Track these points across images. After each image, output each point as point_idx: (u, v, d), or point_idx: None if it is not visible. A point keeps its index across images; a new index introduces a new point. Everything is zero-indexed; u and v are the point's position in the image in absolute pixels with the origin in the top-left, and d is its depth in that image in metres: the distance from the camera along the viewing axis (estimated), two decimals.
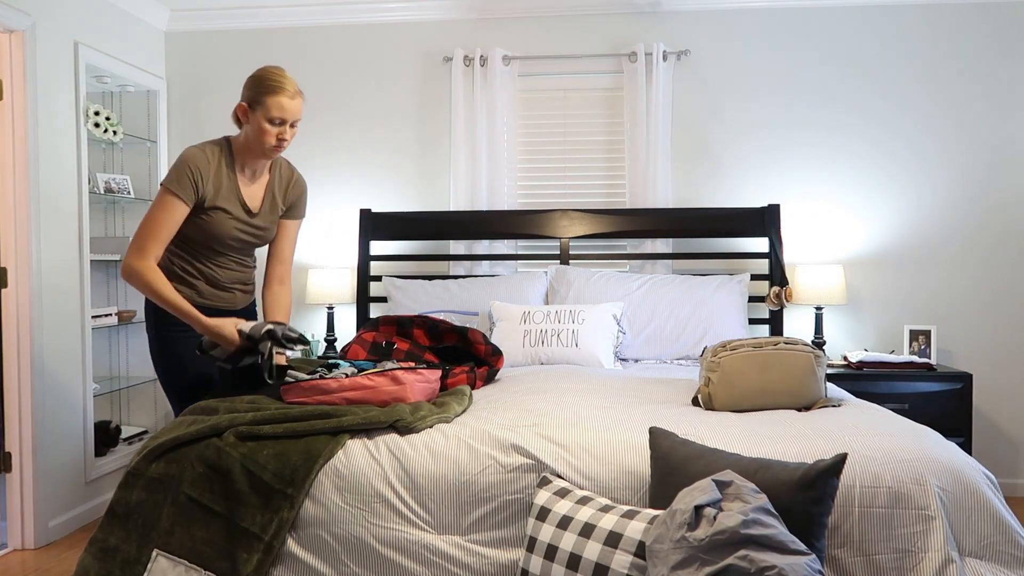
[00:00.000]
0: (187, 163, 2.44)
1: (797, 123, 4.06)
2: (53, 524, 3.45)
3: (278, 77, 2.46)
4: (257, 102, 2.44)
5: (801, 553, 1.54)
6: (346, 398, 2.28)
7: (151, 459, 2.09)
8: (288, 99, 2.45)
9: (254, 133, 2.47)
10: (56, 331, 3.50)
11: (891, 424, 2.18)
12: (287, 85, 2.46)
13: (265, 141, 2.47)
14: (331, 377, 2.31)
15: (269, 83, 2.44)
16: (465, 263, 4.14)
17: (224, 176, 2.52)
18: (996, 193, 3.97)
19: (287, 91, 2.45)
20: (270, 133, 2.46)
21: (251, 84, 2.48)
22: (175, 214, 2.43)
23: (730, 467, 1.78)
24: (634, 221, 3.96)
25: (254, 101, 2.45)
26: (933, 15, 3.97)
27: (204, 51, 4.35)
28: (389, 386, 2.28)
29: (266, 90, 2.44)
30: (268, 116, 2.44)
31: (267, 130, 2.45)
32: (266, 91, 2.44)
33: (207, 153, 2.49)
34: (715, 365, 2.43)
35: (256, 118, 2.45)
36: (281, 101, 2.44)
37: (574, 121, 4.18)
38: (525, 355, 3.36)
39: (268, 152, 2.51)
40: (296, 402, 2.30)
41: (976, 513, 1.86)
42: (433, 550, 1.98)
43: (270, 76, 2.46)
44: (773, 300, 3.58)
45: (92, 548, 2.05)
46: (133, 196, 4.16)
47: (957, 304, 4.00)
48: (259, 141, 2.48)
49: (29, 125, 3.32)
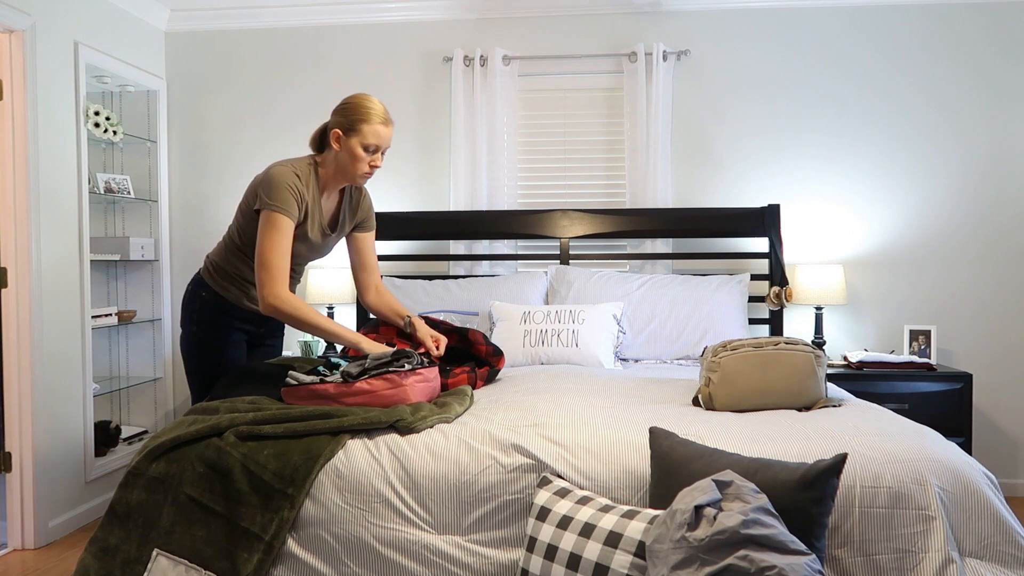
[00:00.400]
0: (285, 181, 2.43)
1: (797, 123, 4.06)
2: (53, 524, 3.45)
3: (371, 104, 2.48)
4: (352, 129, 2.45)
5: (801, 553, 1.54)
6: (346, 404, 2.27)
7: (151, 459, 2.09)
8: (383, 127, 2.47)
9: (348, 159, 2.48)
10: (56, 331, 3.50)
11: (891, 424, 2.18)
12: (380, 112, 2.48)
13: (358, 168, 2.49)
14: (330, 381, 2.30)
15: (364, 110, 2.46)
16: (465, 263, 4.14)
17: (311, 199, 2.53)
18: (996, 193, 3.97)
19: (380, 117, 2.47)
20: (363, 160, 2.48)
21: (344, 111, 2.49)
22: (288, 231, 2.42)
23: (730, 467, 1.77)
24: (634, 221, 3.96)
25: (349, 128, 2.46)
26: (932, 17, 3.97)
27: (204, 51, 4.35)
28: (387, 389, 2.28)
29: (361, 117, 2.45)
30: (364, 143, 2.45)
31: (361, 157, 2.47)
32: (361, 118, 2.45)
33: (299, 173, 2.48)
34: (715, 365, 2.43)
35: (350, 145, 2.46)
36: (377, 129, 2.46)
37: (574, 121, 4.18)
38: (525, 355, 3.36)
39: (359, 179, 2.53)
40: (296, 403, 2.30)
41: (976, 513, 1.86)
42: (433, 550, 1.98)
43: (364, 103, 2.47)
44: (773, 300, 3.58)
45: (92, 548, 2.05)
46: (133, 196, 4.16)
47: (957, 304, 4.00)
48: (352, 167, 2.49)
49: (29, 125, 3.32)
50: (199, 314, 2.61)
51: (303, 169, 2.51)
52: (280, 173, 2.44)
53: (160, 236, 4.26)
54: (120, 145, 4.24)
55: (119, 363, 4.31)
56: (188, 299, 2.66)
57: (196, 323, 2.62)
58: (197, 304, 2.62)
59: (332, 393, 2.27)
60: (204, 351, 2.62)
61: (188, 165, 4.35)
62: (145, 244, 4.14)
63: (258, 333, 2.75)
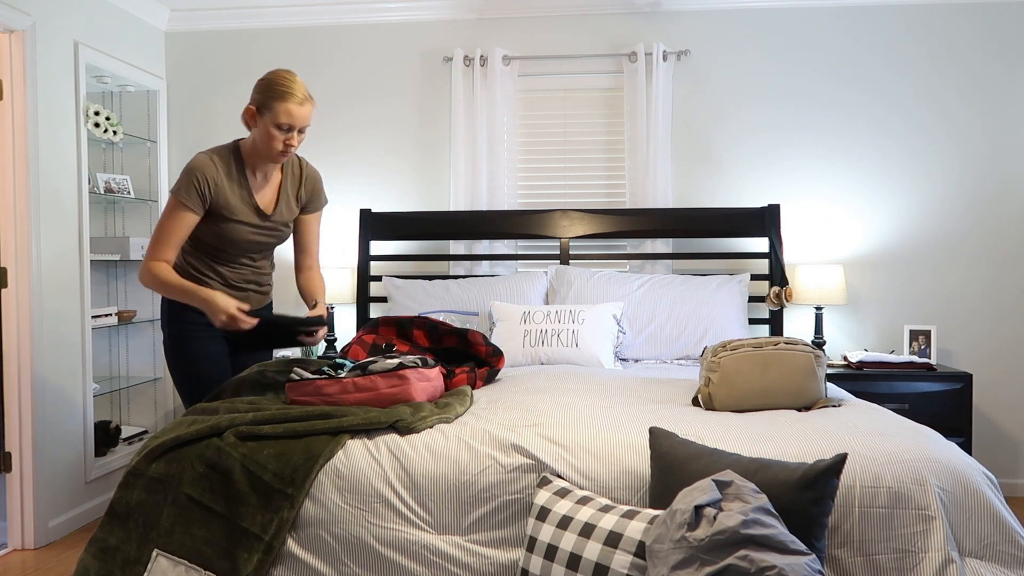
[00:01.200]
0: (195, 172, 2.44)
1: (797, 123, 4.06)
2: (53, 524, 3.45)
3: (287, 82, 2.44)
4: (265, 107, 2.43)
5: (801, 553, 1.54)
6: (347, 400, 2.27)
7: (151, 459, 2.09)
8: (296, 105, 2.43)
9: (261, 138, 2.47)
10: (56, 331, 3.50)
11: (891, 424, 2.18)
12: (296, 91, 2.44)
13: (272, 147, 2.47)
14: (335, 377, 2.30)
15: (278, 88, 2.43)
16: (465, 263, 4.14)
17: (235, 183, 2.53)
18: (996, 192, 3.97)
19: (296, 97, 2.44)
20: (277, 139, 2.45)
21: (260, 88, 2.47)
22: (184, 222, 2.46)
23: (730, 467, 1.78)
24: (634, 221, 3.96)
25: (262, 106, 2.44)
26: (931, 18, 3.97)
27: (204, 51, 4.35)
28: (390, 388, 2.28)
29: (275, 95, 2.42)
30: (276, 121, 2.43)
31: (274, 135, 2.45)
32: (275, 96, 2.42)
33: (215, 161, 2.49)
34: (715, 365, 2.43)
35: (264, 123, 2.45)
36: (289, 107, 2.42)
37: (574, 121, 4.18)
38: (525, 355, 3.36)
39: (275, 157, 2.51)
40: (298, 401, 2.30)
41: (976, 513, 1.86)
42: (433, 550, 1.98)
43: (280, 81, 2.44)
44: (773, 300, 3.58)
45: (92, 548, 2.05)
46: (133, 196, 4.16)
47: (957, 304, 4.00)
48: (266, 146, 2.48)
49: (29, 125, 3.32)
50: (170, 316, 2.62)
51: (222, 154, 2.53)
52: (194, 164, 2.47)
53: None
54: (120, 145, 4.24)
55: (119, 363, 4.31)
56: (161, 305, 2.67)
57: (169, 326, 2.63)
58: (166, 307, 2.63)
59: (335, 389, 2.27)
60: (182, 353, 2.61)
61: None
62: (145, 244, 4.13)
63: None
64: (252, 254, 2.66)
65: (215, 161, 2.50)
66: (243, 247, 2.60)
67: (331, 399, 2.27)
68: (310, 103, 2.49)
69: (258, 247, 2.67)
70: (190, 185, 2.44)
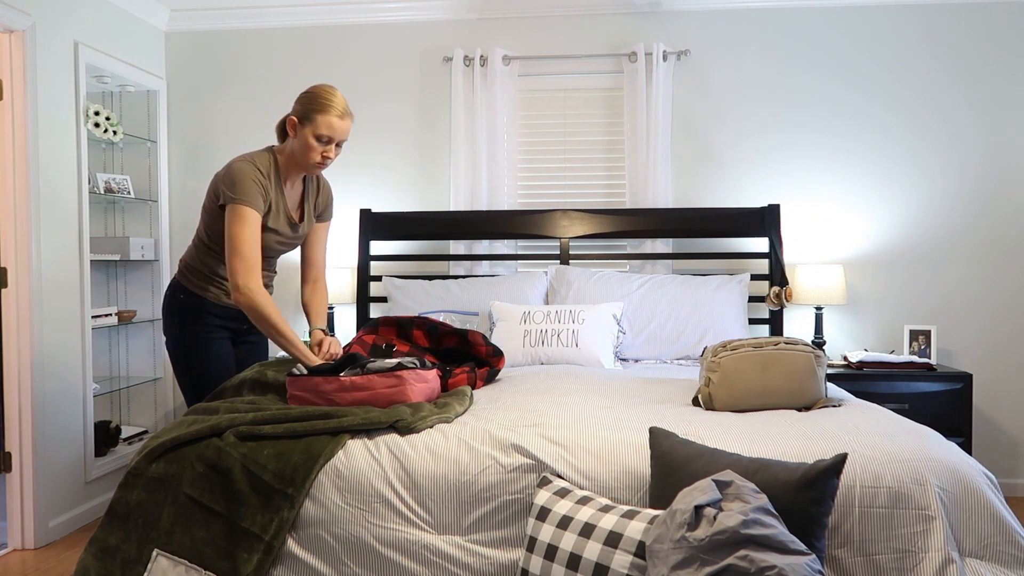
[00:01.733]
0: (249, 174, 2.48)
1: (797, 123, 4.06)
2: (53, 524, 3.45)
3: (330, 96, 2.51)
4: (307, 118, 2.49)
5: (801, 553, 1.54)
6: (344, 399, 2.27)
7: (151, 459, 2.09)
8: (337, 118, 2.50)
9: (300, 148, 2.52)
10: (56, 331, 3.50)
11: (891, 424, 2.18)
12: (338, 104, 2.51)
13: (310, 157, 2.52)
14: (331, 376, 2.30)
15: (321, 101, 2.49)
16: (465, 263, 4.14)
17: (274, 191, 2.57)
18: (996, 192, 3.98)
19: (337, 110, 2.50)
20: (316, 150, 2.51)
21: (303, 100, 2.52)
22: (255, 224, 2.47)
23: (730, 467, 1.77)
24: (634, 221, 3.96)
25: (304, 117, 2.50)
26: (931, 18, 3.97)
27: (204, 51, 4.35)
28: (385, 388, 2.27)
29: (317, 107, 2.48)
30: (316, 133, 2.49)
31: (313, 146, 2.50)
32: (317, 108, 2.48)
33: (259, 166, 2.52)
34: (715, 365, 2.43)
35: (304, 134, 2.50)
36: (331, 120, 2.49)
37: (574, 121, 4.18)
38: (525, 355, 3.36)
39: (311, 168, 2.57)
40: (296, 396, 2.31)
41: (976, 513, 1.86)
42: (433, 550, 1.98)
43: (322, 94, 2.51)
44: (773, 300, 3.58)
45: (92, 548, 2.05)
46: (133, 196, 4.16)
47: (957, 304, 4.00)
48: (304, 156, 2.53)
49: (29, 125, 3.32)
50: (180, 317, 2.63)
51: (263, 161, 2.55)
52: (241, 167, 2.48)
53: (160, 236, 4.26)
54: (120, 145, 4.24)
55: (119, 363, 4.31)
56: (167, 304, 2.69)
57: (179, 326, 2.64)
58: (176, 307, 2.64)
59: (333, 387, 2.27)
60: (190, 352, 2.64)
61: (188, 165, 4.36)
62: (145, 244, 4.14)
63: (240, 330, 2.75)
64: (268, 260, 2.69)
65: (258, 166, 2.53)
66: (264, 254, 2.61)
67: (327, 396, 2.27)
68: (350, 118, 2.55)
69: (276, 255, 2.72)
70: (250, 185, 2.46)
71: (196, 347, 2.63)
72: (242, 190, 2.45)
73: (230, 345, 2.72)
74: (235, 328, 2.73)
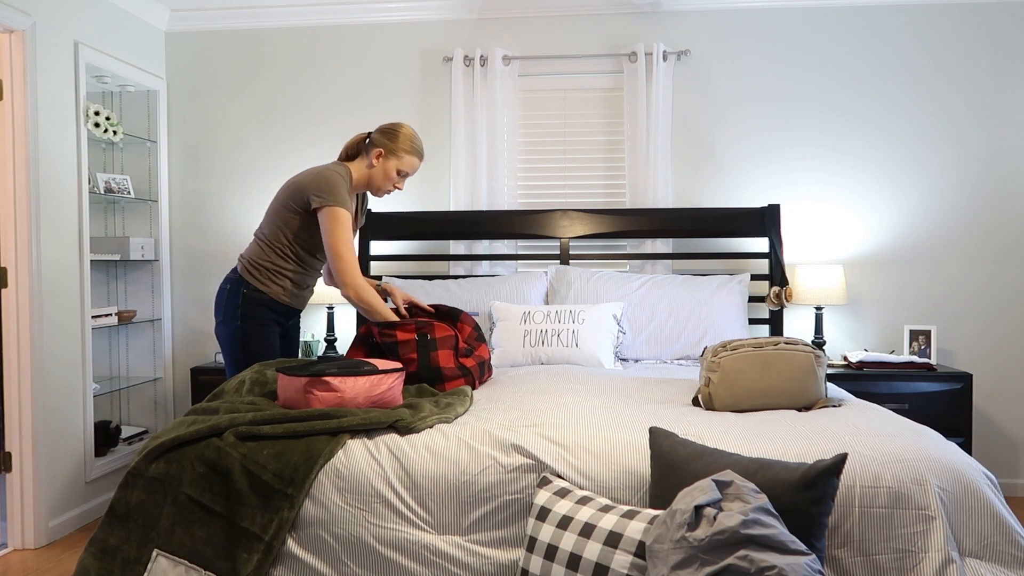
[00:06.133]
0: (341, 183, 2.74)
1: (797, 123, 4.06)
2: (53, 524, 3.45)
3: (418, 142, 2.88)
4: (395, 154, 2.84)
5: (801, 553, 1.54)
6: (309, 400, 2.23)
7: (151, 459, 2.10)
8: (419, 160, 2.90)
9: (380, 176, 2.87)
10: (56, 331, 3.50)
11: (891, 424, 2.18)
12: (421, 148, 2.89)
13: (384, 185, 2.88)
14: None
15: (412, 144, 2.86)
16: (465, 263, 4.14)
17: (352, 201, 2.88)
18: (996, 192, 3.97)
19: (420, 153, 2.89)
20: (392, 181, 2.87)
21: (391, 136, 2.84)
22: (350, 225, 2.75)
23: (730, 467, 1.78)
24: (634, 221, 3.96)
25: (392, 152, 2.84)
26: (930, 19, 3.97)
27: (204, 51, 4.35)
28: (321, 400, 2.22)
29: (408, 149, 2.85)
30: (400, 168, 2.86)
31: (391, 177, 2.87)
32: (407, 150, 2.85)
33: (345, 177, 2.80)
34: (715, 365, 2.43)
35: (388, 166, 2.85)
36: (415, 161, 2.89)
37: (574, 121, 4.18)
38: (525, 355, 3.36)
39: (381, 193, 2.93)
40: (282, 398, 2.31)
41: (976, 513, 1.86)
42: (433, 550, 1.98)
43: (413, 138, 2.87)
44: (773, 300, 3.58)
45: (92, 548, 2.05)
46: (133, 196, 4.16)
47: (957, 304, 4.00)
48: (380, 183, 2.88)
49: (29, 125, 3.32)
50: (242, 309, 2.81)
51: (345, 174, 2.80)
52: (334, 176, 2.74)
53: (160, 236, 4.26)
54: (120, 145, 4.24)
55: (119, 363, 4.31)
56: (229, 296, 2.85)
57: (240, 318, 2.82)
58: (239, 300, 2.82)
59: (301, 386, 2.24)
60: (248, 343, 2.82)
61: (188, 165, 4.35)
62: (145, 244, 4.14)
63: (287, 325, 3.01)
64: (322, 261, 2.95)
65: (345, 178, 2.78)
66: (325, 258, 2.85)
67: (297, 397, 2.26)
68: (423, 159, 2.93)
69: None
70: (344, 192, 2.73)
71: (254, 337, 2.82)
72: (339, 196, 2.71)
73: (278, 337, 2.94)
74: (283, 323, 2.96)
